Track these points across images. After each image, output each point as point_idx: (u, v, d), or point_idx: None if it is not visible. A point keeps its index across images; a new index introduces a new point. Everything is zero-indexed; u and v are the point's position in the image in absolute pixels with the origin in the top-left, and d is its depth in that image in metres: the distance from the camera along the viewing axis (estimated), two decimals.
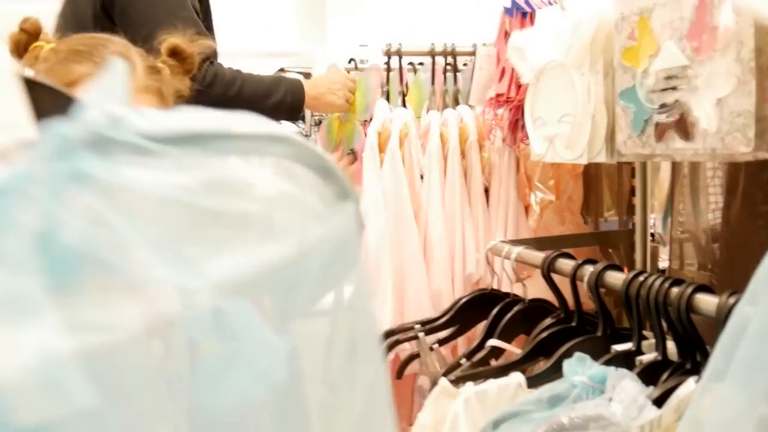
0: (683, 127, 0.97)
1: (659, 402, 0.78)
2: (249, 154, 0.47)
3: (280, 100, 1.52)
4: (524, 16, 1.38)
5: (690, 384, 0.76)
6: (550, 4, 1.36)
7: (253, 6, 4.12)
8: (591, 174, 1.67)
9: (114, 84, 0.44)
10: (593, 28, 1.12)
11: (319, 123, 2.00)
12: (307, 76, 2.57)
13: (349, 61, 1.88)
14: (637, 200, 1.45)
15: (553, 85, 1.24)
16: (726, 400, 0.61)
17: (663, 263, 1.60)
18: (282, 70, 3.80)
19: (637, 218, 1.46)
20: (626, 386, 0.78)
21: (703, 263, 1.55)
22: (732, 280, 1.40)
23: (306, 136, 2.67)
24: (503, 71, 1.38)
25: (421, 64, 1.87)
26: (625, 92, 1.08)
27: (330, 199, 0.51)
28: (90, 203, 0.37)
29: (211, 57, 1.46)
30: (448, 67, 1.70)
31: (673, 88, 0.98)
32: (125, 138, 0.42)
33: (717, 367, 0.60)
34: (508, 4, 1.40)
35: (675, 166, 1.54)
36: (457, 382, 1.01)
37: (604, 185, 1.69)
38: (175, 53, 0.87)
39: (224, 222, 0.44)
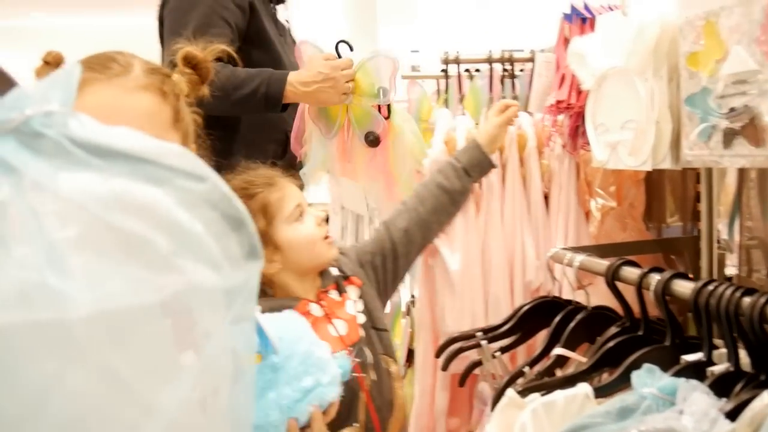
0: (753, 133, 0.95)
1: (732, 415, 0.77)
2: (163, 183, 0.48)
3: (251, 92, 1.56)
4: (584, 21, 1.37)
5: (765, 397, 0.75)
6: (611, 9, 1.35)
7: (303, 15, 4.19)
8: (653, 180, 1.63)
9: (62, 83, 0.46)
10: (656, 32, 1.11)
11: None
12: None
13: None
14: (702, 206, 1.42)
15: (615, 91, 1.22)
16: None
17: (729, 270, 1.55)
18: None
19: (703, 224, 1.42)
20: (697, 399, 0.77)
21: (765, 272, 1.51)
22: None
23: None
24: (563, 77, 1.37)
25: (477, 70, 1.87)
26: (691, 98, 1.06)
27: (235, 253, 0.52)
28: None
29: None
30: (506, 74, 1.70)
31: (742, 93, 0.96)
32: (54, 137, 0.44)
33: None
34: (568, 10, 1.39)
35: (742, 171, 1.49)
36: (523, 392, 1.01)
37: (667, 191, 1.65)
38: (188, 62, 0.91)
39: (120, 238, 0.46)
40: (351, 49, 1.67)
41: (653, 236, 1.63)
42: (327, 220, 1.41)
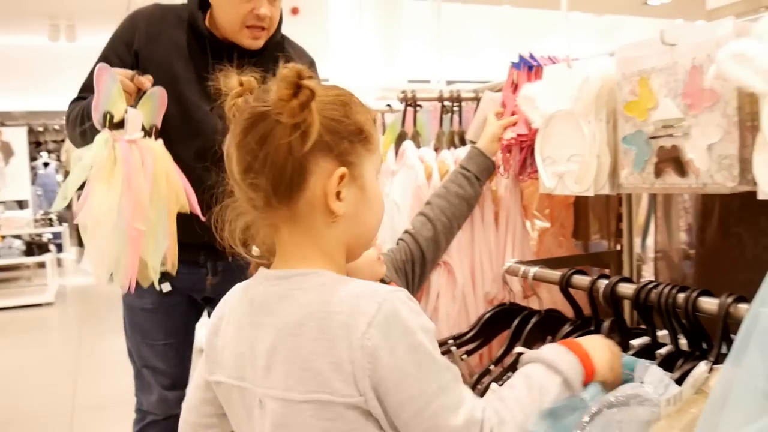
0: (678, 166, 1.22)
1: (679, 382, 1.00)
2: None
3: (81, 116, 1.65)
4: (530, 69, 1.62)
5: (701, 366, 0.99)
6: (552, 61, 1.61)
7: None
8: (580, 203, 1.92)
9: None
10: (598, 84, 1.37)
11: None
12: None
13: None
14: (624, 225, 1.70)
15: (561, 130, 1.47)
16: (735, 379, 0.83)
17: (646, 278, 1.85)
18: None
19: (624, 240, 1.71)
20: (654, 371, 1.00)
21: (674, 278, 1.81)
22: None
23: None
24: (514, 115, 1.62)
25: (419, 106, 2.10)
26: (627, 137, 1.32)
27: None
28: None
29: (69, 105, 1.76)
30: (455, 110, 1.93)
31: (670, 135, 1.22)
32: None
33: (736, 355, 0.82)
34: (516, 60, 1.64)
35: (653, 196, 1.79)
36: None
37: (591, 213, 1.94)
38: None
39: None
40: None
41: (582, 251, 1.91)
42: None
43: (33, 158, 9.37)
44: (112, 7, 7.20)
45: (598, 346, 1.03)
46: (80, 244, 9.28)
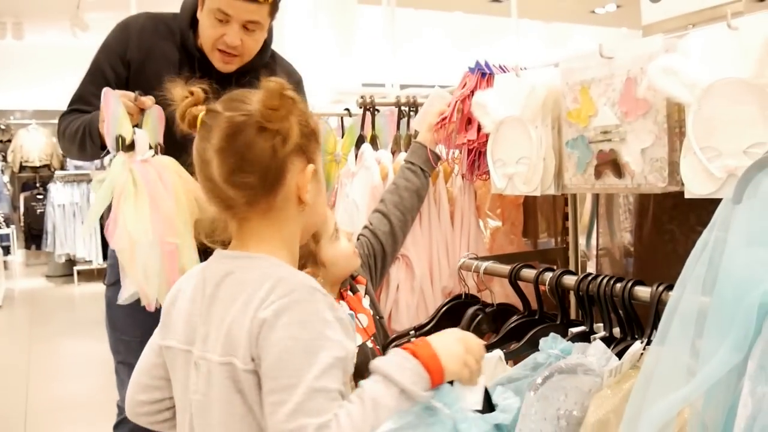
0: (615, 168, 1.34)
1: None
2: None
3: (81, 132, 1.69)
4: (483, 76, 1.73)
5: (636, 345, 1.11)
6: (503, 69, 1.72)
7: None
8: (529, 203, 2.04)
9: None
10: (545, 92, 1.48)
11: None
12: None
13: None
14: (570, 224, 1.83)
15: (511, 134, 1.58)
16: (660, 355, 0.94)
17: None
18: None
19: (570, 238, 1.83)
20: (597, 345, 1.11)
21: (616, 273, 1.94)
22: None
23: None
24: (469, 120, 1.72)
25: (377, 110, 2.19)
26: (570, 142, 1.44)
27: None
28: None
29: (62, 116, 1.80)
30: (411, 114, 2.03)
31: (608, 140, 1.34)
32: None
33: (661, 334, 0.93)
34: (472, 65, 1.75)
35: (596, 197, 1.93)
36: None
37: (539, 212, 2.06)
38: None
39: None
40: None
41: (531, 248, 2.03)
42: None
43: None
44: (59, 5, 7.11)
45: (450, 342, 0.99)
46: (27, 246, 9.08)
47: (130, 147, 1.56)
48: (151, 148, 1.60)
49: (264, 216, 1.03)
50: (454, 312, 1.62)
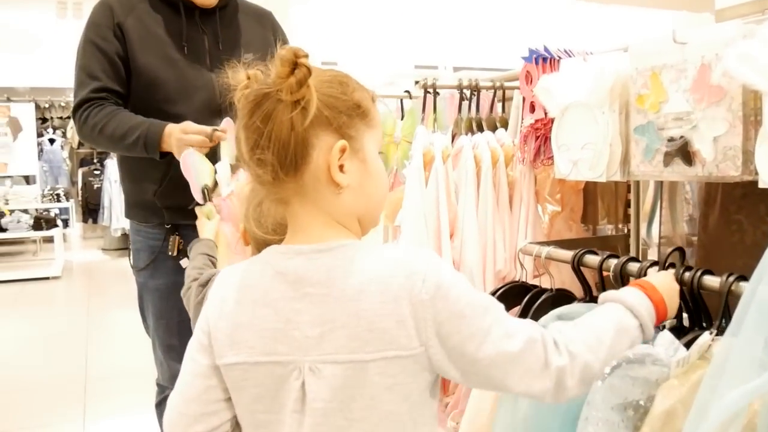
0: (686, 156, 1.32)
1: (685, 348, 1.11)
2: None
3: (134, 141, 1.80)
4: (544, 61, 1.72)
5: (705, 336, 1.09)
6: (567, 53, 1.70)
7: None
8: (589, 189, 2.02)
9: None
10: (613, 77, 1.46)
11: None
12: None
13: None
14: (632, 211, 1.81)
15: (576, 119, 1.57)
16: (733, 346, 0.93)
17: None
18: None
19: (632, 226, 1.81)
20: (665, 335, 1.11)
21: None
22: None
23: None
24: (532, 105, 1.71)
25: (437, 93, 2.19)
26: (639, 128, 1.42)
27: None
28: None
29: (83, 104, 1.88)
30: (473, 98, 2.03)
31: (679, 127, 1.32)
32: None
33: (735, 325, 0.92)
34: (526, 54, 1.73)
35: (659, 185, 1.90)
36: None
37: (599, 199, 2.04)
38: None
39: None
40: None
41: (590, 235, 2.01)
42: None
43: (39, 134, 9.43)
44: None
45: (673, 289, 1.13)
46: (84, 220, 9.37)
47: (214, 187, 1.70)
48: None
49: (300, 197, 0.95)
50: (507, 297, 1.63)
